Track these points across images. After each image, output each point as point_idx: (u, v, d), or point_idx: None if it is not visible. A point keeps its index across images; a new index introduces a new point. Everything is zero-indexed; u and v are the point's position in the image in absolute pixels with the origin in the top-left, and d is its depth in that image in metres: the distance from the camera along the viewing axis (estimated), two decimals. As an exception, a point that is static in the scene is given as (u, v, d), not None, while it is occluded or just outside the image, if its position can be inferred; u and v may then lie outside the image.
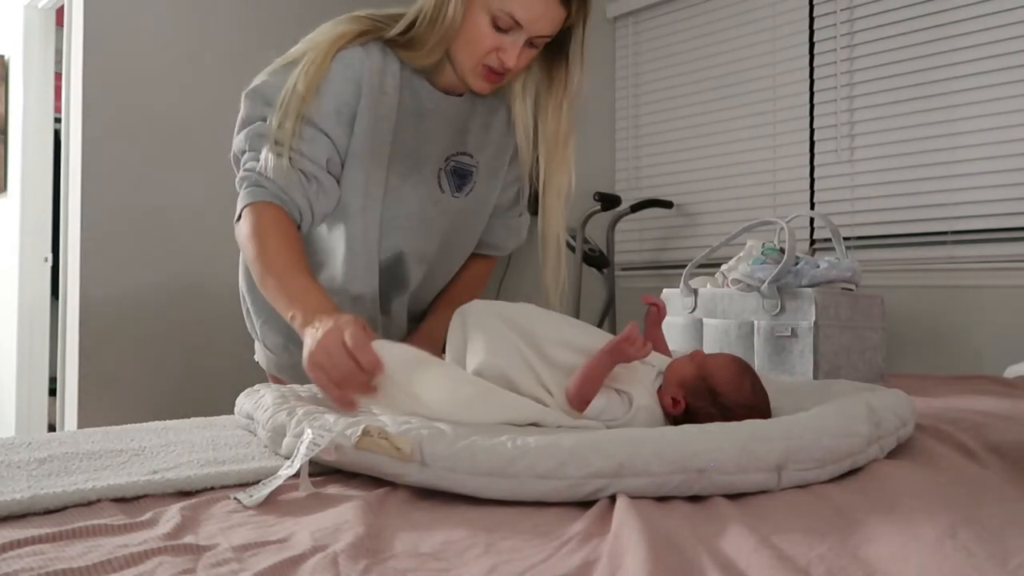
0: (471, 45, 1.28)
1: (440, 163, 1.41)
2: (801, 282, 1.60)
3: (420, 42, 1.30)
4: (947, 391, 1.59)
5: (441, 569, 0.61)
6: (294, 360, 1.45)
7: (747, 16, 2.92)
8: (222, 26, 3.21)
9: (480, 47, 1.27)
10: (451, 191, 1.43)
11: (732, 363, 1.07)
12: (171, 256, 3.09)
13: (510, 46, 1.27)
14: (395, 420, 0.93)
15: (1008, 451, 1.00)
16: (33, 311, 3.87)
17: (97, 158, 2.97)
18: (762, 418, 0.99)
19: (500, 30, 1.26)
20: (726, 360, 1.08)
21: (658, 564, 0.58)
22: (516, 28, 1.25)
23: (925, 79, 2.47)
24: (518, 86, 1.42)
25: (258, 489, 0.80)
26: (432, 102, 1.38)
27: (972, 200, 2.39)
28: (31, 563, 0.60)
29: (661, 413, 1.05)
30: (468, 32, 1.27)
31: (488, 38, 1.26)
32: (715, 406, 1.03)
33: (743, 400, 1.04)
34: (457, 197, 1.44)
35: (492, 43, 1.27)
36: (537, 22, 1.25)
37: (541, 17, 1.25)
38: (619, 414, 1.02)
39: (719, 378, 1.05)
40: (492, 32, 1.26)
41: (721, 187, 2.99)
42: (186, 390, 3.04)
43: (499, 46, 1.27)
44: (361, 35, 1.32)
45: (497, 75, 1.31)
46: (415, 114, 1.36)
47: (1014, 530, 0.66)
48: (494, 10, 1.24)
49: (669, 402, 1.05)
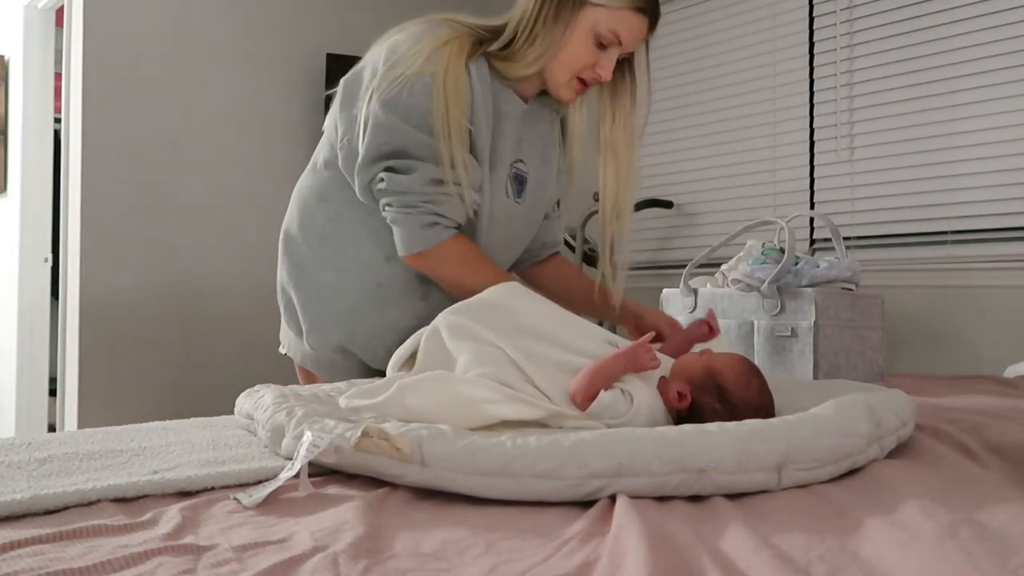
0: (572, 62, 1.35)
1: (507, 168, 1.44)
2: (801, 282, 1.61)
3: (518, 56, 1.36)
4: (947, 391, 1.59)
5: (441, 569, 0.61)
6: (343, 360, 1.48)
7: (747, 16, 2.92)
8: (222, 26, 3.21)
9: (580, 63, 1.35)
10: (514, 196, 1.47)
11: (741, 363, 1.08)
12: (171, 256, 3.09)
13: (607, 62, 1.35)
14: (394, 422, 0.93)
15: (1008, 451, 1.00)
16: (33, 311, 3.87)
17: (97, 158, 2.97)
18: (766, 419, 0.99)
19: (600, 48, 1.33)
20: (735, 359, 1.09)
21: (658, 564, 0.58)
22: (615, 45, 1.34)
23: (925, 79, 2.47)
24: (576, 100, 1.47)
25: (258, 490, 0.80)
26: (509, 105, 1.41)
27: (972, 200, 2.39)
28: (31, 563, 0.60)
29: (663, 410, 1.05)
30: (570, 50, 1.33)
31: (590, 55, 1.34)
32: (721, 402, 1.03)
33: (750, 399, 1.04)
34: (519, 203, 1.48)
35: (592, 60, 1.34)
36: (637, 40, 1.36)
37: (640, 35, 1.36)
38: (622, 410, 1.02)
39: (727, 376, 1.05)
40: (594, 50, 1.34)
41: (721, 187, 2.99)
42: (186, 390, 3.04)
43: (597, 62, 1.35)
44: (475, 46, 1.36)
45: (585, 86, 1.39)
46: (496, 117, 1.40)
47: (1014, 530, 0.66)
48: (601, 30, 1.32)
49: (674, 396, 1.05)
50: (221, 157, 3.18)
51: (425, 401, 0.99)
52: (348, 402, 1.03)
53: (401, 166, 1.33)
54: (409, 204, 1.34)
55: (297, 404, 1.02)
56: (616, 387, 1.04)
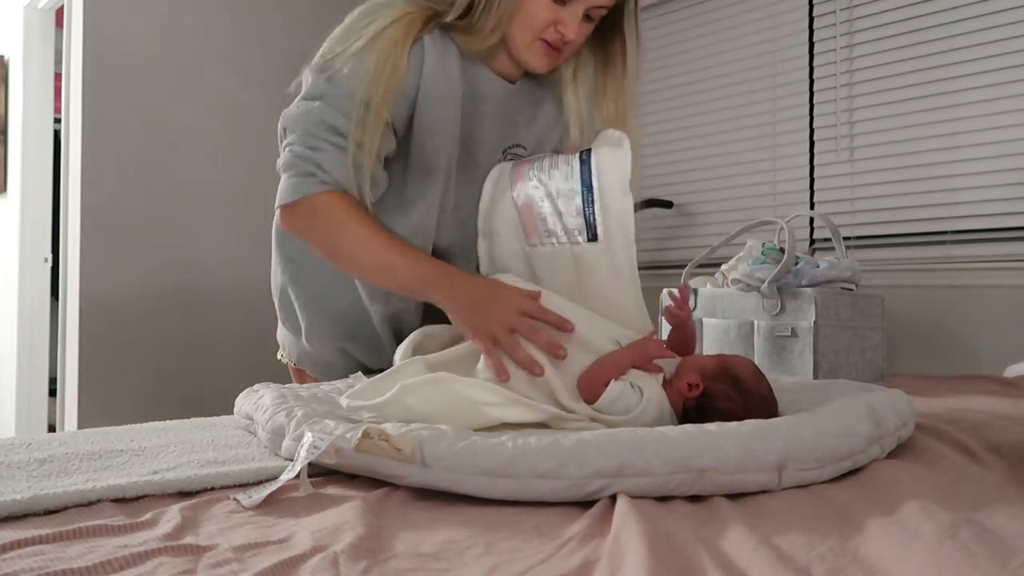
0: (528, 20, 1.25)
1: (498, 155, 1.38)
2: (801, 282, 1.60)
3: (478, 26, 1.26)
4: (947, 391, 1.59)
5: (441, 569, 0.61)
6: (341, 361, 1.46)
7: (747, 16, 2.92)
8: (222, 26, 3.21)
9: (538, 21, 1.25)
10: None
11: (751, 362, 1.11)
12: (171, 256, 3.09)
13: (569, 18, 1.24)
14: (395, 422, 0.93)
15: (1008, 451, 1.00)
16: (33, 311, 3.87)
17: (97, 158, 2.97)
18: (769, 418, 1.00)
19: (558, 2, 1.23)
20: (746, 359, 1.11)
21: (658, 564, 0.58)
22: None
23: (925, 79, 2.47)
24: (568, 74, 1.39)
25: (258, 490, 0.80)
26: (489, 86, 1.34)
27: (972, 200, 2.39)
28: (31, 563, 0.60)
29: (670, 408, 1.05)
30: (526, 8, 1.24)
31: (546, 11, 1.24)
32: (736, 389, 1.04)
33: (763, 391, 1.06)
34: None
35: (550, 16, 1.24)
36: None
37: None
38: (632, 403, 1.02)
39: (741, 369, 1.07)
40: (550, 4, 1.24)
41: (721, 187, 2.99)
42: (186, 390, 3.04)
43: (557, 19, 1.24)
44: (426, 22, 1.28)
45: (555, 50, 1.28)
46: (472, 98, 1.33)
47: (1014, 530, 0.66)
48: None
49: (684, 387, 1.05)
50: (221, 157, 3.18)
51: (426, 402, 0.99)
52: (349, 402, 1.03)
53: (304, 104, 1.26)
54: (291, 143, 1.26)
55: (296, 404, 1.02)
56: (625, 380, 1.04)
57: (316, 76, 1.27)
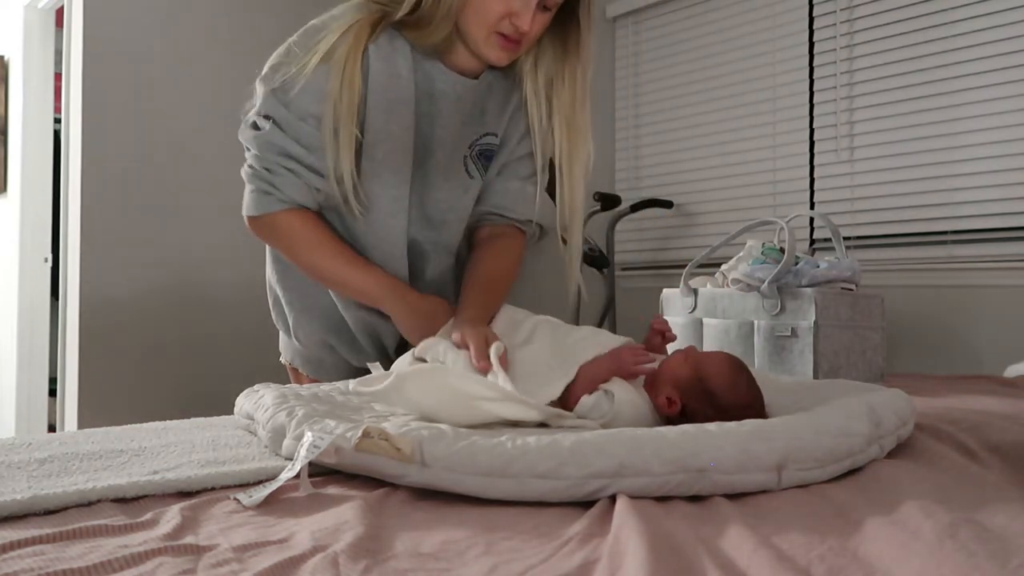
0: (481, 13, 1.22)
1: (464, 150, 1.38)
2: (801, 282, 1.60)
3: (427, 19, 1.24)
4: (947, 391, 1.59)
5: (441, 569, 0.61)
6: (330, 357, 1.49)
7: (747, 16, 2.92)
8: (221, 26, 3.21)
9: (491, 14, 1.22)
10: (480, 174, 1.40)
11: (726, 362, 1.07)
12: (171, 256, 3.09)
13: (522, 9, 1.21)
14: (395, 422, 0.93)
15: (1008, 451, 1.00)
16: (33, 311, 3.87)
17: (97, 158, 2.97)
18: (758, 416, 1.00)
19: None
20: (720, 359, 1.08)
21: (658, 564, 0.58)
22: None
23: (925, 79, 2.47)
24: (528, 65, 1.37)
25: (258, 490, 0.80)
26: (446, 84, 1.32)
27: (972, 200, 2.39)
28: (32, 563, 0.60)
29: (649, 410, 1.05)
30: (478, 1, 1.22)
31: (498, 3, 1.21)
32: (712, 407, 1.03)
33: (740, 400, 1.04)
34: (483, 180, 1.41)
35: (503, 8, 1.21)
36: None
37: None
38: (605, 409, 1.03)
39: (715, 381, 1.05)
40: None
41: (721, 187, 2.99)
42: (186, 390, 3.04)
43: (511, 11, 1.21)
44: (374, 26, 1.27)
45: (513, 43, 1.25)
46: (429, 96, 1.32)
47: (1014, 530, 0.66)
48: None
49: (664, 402, 1.05)
50: (221, 157, 3.16)
51: (422, 392, 1.00)
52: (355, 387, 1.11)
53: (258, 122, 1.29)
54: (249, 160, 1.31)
55: (297, 404, 1.02)
56: (600, 389, 1.05)
57: (269, 95, 1.28)
